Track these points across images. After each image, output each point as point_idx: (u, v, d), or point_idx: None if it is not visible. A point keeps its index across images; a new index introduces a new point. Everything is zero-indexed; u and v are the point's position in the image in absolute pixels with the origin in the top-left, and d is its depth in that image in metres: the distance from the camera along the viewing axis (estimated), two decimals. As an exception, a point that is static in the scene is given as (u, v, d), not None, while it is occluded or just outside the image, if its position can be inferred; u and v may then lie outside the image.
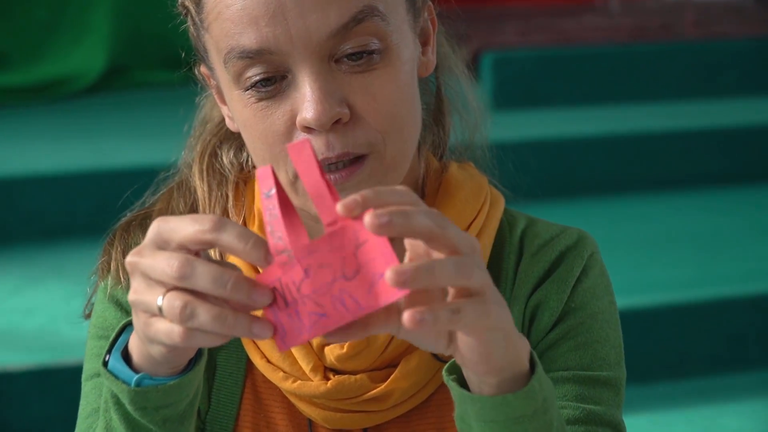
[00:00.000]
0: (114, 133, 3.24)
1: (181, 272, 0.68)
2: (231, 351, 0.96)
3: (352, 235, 0.66)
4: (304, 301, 0.67)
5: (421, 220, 0.68)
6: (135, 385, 0.77)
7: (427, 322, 0.67)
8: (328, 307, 0.67)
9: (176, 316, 0.69)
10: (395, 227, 0.67)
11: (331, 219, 0.67)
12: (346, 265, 0.66)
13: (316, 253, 0.67)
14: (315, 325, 0.67)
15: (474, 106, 1.02)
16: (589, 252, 0.97)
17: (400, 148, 0.88)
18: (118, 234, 0.99)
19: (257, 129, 0.87)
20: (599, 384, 0.92)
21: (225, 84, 0.90)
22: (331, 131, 0.85)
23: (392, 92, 0.86)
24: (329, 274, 0.67)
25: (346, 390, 0.91)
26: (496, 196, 0.99)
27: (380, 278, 0.66)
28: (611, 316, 0.96)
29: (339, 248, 0.67)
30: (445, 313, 0.68)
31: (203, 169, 0.99)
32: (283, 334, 0.68)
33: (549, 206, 2.82)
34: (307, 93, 0.84)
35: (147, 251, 0.71)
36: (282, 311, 0.68)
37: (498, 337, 0.72)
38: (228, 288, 0.68)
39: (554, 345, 0.93)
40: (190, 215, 0.70)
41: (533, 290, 0.95)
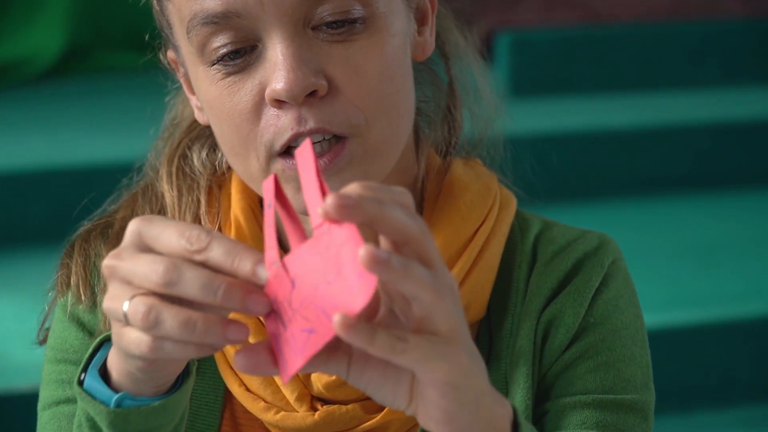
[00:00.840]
0: (73, 124, 3.25)
1: (167, 278, 0.69)
2: (206, 377, 0.97)
3: (337, 235, 0.67)
4: (296, 317, 0.68)
5: (400, 215, 0.67)
6: (115, 405, 0.78)
7: (360, 332, 0.65)
8: (313, 320, 0.67)
9: (140, 323, 0.69)
10: (361, 212, 0.66)
11: (319, 221, 0.68)
12: (329, 268, 0.67)
13: (301, 259, 0.68)
14: (306, 344, 0.68)
15: (488, 99, 1.03)
16: (611, 259, 0.98)
17: (387, 133, 0.89)
18: (77, 244, 1.00)
19: (223, 109, 0.89)
20: (624, 409, 0.93)
21: (190, 62, 0.91)
22: (305, 105, 0.86)
23: (377, 66, 0.87)
24: (313, 280, 0.68)
25: (337, 422, 0.92)
26: (506, 197, 1.01)
27: (357, 277, 0.65)
28: (636, 331, 0.97)
29: (323, 252, 0.67)
30: (385, 336, 0.66)
31: (172, 171, 1.01)
32: (284, 364, 0.69)
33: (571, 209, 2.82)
34: (278, 60, 0.85)
35: (127, 254, 0.72)
36: (282, 336, 0.69)
37: (467, 396, 0.70)
38: (219, 295, 0.68)
39: (571, 366, 0.94)
40: (175, 223, 0.71)
41: (546, 303, 0.96)
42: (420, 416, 0.72)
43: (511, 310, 0.96)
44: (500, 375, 0.95)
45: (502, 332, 0.96)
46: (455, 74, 1.02)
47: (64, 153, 2.98)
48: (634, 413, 0.94)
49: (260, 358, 0.70)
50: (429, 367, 0.68)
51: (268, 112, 0.87)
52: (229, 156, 0.92)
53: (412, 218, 0.68)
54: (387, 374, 0.71)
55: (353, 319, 0.65)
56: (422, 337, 0.67)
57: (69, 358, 0.97)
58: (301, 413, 0.92)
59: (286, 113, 0.86)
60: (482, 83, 1.03)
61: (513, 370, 0.94)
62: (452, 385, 0.69)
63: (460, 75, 1.02)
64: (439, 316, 0.68)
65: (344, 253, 0.66)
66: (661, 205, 3.18)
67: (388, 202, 0.67)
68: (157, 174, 1.02)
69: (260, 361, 0.70)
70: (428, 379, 0.69)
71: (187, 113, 1.04)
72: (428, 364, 0.68)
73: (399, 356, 0.66)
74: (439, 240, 0.95)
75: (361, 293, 0.65)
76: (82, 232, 1.01)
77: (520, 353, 0.94)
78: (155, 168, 1.03)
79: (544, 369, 0.95)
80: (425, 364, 0.68)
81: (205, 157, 1.01)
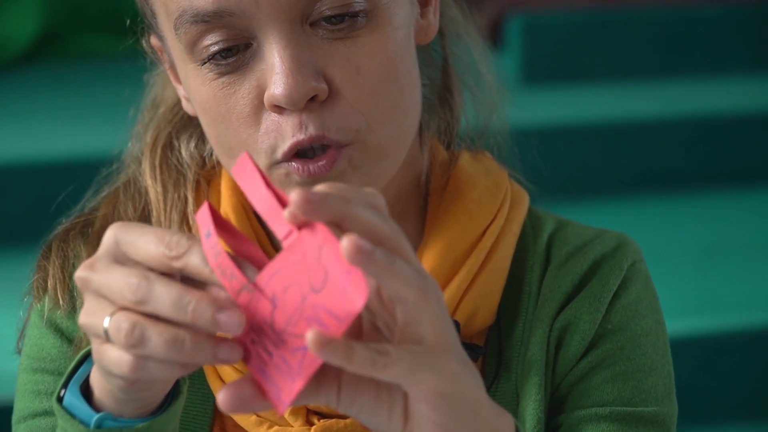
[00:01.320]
0: (47, 114, 3.24)
1: (138, 294, 0.69)
2: (195, 390, 0.97)
3: (311, 240, 0.67)
4: (284, 338, 0.68)
5: (368, 213, 0.67)
6: (95, 426, 0.78)
7: (336, 349, 0.65)
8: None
9: (123, 341, 0.69)
10: (327, 209, 0.66)
11: (285, 231, 0.68)
12: (312, 276, 0.67)
13: (277, 274, 0.68)
14: (303, 362, 0.68)
15: (489, 81, 1.03)
16: (630, 261, 0.99)
17: (390, 135, 0.90)
18: (54, 245, 1.00)
19: (218, 111, 0.89)
20: (643, 422, 0.94)
21: (178, 57, 0.91)
22: (305, 110, 0.87)
23: (380, 65, 0.88)
24: (297, 293, 0.67)
25: (335, 437, 0.93)
26: (518, 193, 1.01)
27: (346, 275, 0.65)
28: (658, 338, 0.98)
29: (301, 261, 0.67)
30: (365, 350, 0.66)
31: (156, 164, 1.01)
32: (277, 392, 0.69)
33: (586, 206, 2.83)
34: (276, 64, 0.86)
35: (101, 264, 0.73)
36: (269, 365, 0.69)
37: (462, 408, 0.70)
38: (189, 312, 0.68)
39: (587, 375, 0.95)
40: (154, 229, 0.71)
41: (560, 308, 0.97)
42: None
43: (522, 316, 0.97)
44: (510, 386, 0.96)
45: (513, 340, 0.96)
46: (453, 52, 1.02)
47: (38, 146, 2.97)
48: (654, 427, 0.94)
49: (246, 394, 0.69)
50: (416, 379, 0.68)
51: (269, 116, 0.88)
52: (224, 158, 0.93)
53: (383, 219, 0.68)
54: (380, 397, 0.72)
55: (327, 336, 0.65)
56: (405, 348, 0.67)
57: (46, 368, 0.97)
58: (296, 428, 0.93)
59: (287, 119, 0.87)
60: (483, 64, 1.03)
61: (524, 380, 0.95)
62: (444, 396, 0.69)
63: (459, 54, 1.02)
64: (424, 320, 0.68)
65: (324, 256, 0.66)
66: (684, 201, 3.18)
67: (355, 201, 0.67)
68: (139, 166, 1.02)
69: (246, 396, 0.69)
70: (417, 393, 0.69)
71: (168, 94, 1.03)
72: (415, 377, 0.68)
73: (382, 371, 0.66)
74: (444, 240, 0.95)
75: (356, 291, 0.65)
76: (59, 232, 1.01)
77: (532, 362, 0.95)
78: (137, 159, 1.03)
79: (557, 379, 0.95)
80: (411, 377, 0.68)
81: (194, 149, 1.01)
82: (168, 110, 1.03)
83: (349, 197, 0.68)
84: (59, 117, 3.21)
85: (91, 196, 1.05)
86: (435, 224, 0.97)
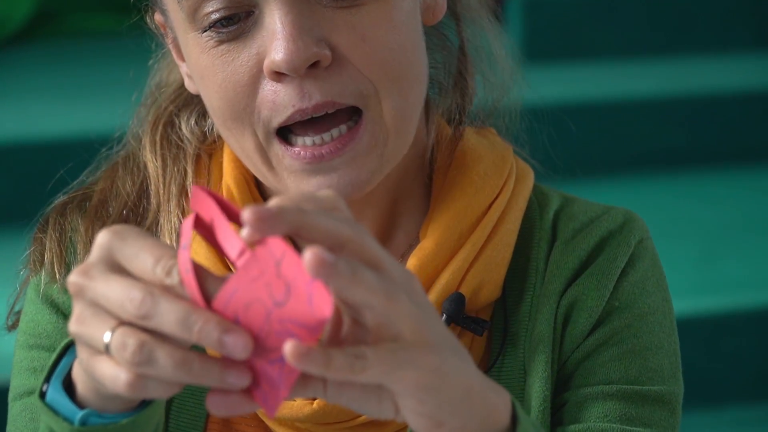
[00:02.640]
0: (42, 94, 3.24)
1: (143, 310, 0.67)
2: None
3: (266, 256, 0.66)
4: (257, 353, 0.68)
5: (326, 220, 0.67)
6: (79, 423, 0.76)
7: (314, 361, 0.65)
8: (281, 346, 0.67)
9: (128, 359, 0.67)
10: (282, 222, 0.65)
11: (238, 250, 0.68)
12: (273, 290, 0.67)
13: (236, 294, 0.67)
14: (282, 373, 0.68)
15: (503, 64, 1.03)
16: (638, 238, 0.99)
17: (399, 106, 0.89)
18: (51, 219, 1.00)
19: (215, 79, 0.89)
20: (649, 401, 0.94)
21: (180, 28, 0.91)
22: (307, 77, 0.86)
23: (386, 33, 0.87)
24: (260, 309, 0.67)
25: (336, 413, 0.93)
26: (523, 169, 1.01)
27: (311, 285, 0.65)
28: (665, 317, 0.98)
29: (258, 277, 0.67)
30: (342, 357, 0.66)
31: (156, 140, 1.01)
32: (265, 398, 0.69)
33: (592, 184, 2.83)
34: (277, 29, 0.86)
35: (97, 272, 0.70)
36: (252, 371, 0.69)
37: (449, 396, 0.70)
38: (195, 332, 0.66)
39: (593, 353, 0.95)
40: (151, 243, 0.69)
41: (567, 285, 0.97)
42: (410, 424, 0.72)
43: (529, 291, 0.97)
44: (517, 361, 0.96)
45: (520, 315, 0.96)
46: (467, 37, 1.02)
47: (33, 126, 2.98)
48: (660, 406, 0.94)
49: (236, 396, 0.69)
50: (395, 377, 0.68)
51: (266, 85, 0.88)
52: (222, 129, 0.93)
53: (344, 221, 0.68)
54: (367, 389, 0.71)
55: (304, 347, 0.65)
56: (382, 348, 0.67)
57: (42, 344, 0.97)
58: (297, 402, 0.93)
59: (287, 87, 0.87)
60: (497, 47, 1.03)
61: (532, 356, 0.95)
62: (427, 389, 0.69)
63: (473, 38, 1.02)
64: (397, 319, 0.68)
65: (285, 269, 0.66)
66: (692, 179, 3.18)
67: (310, 210, 0.67)
68: (139, 143, 1.02)
69: (236, 399, 0.69)
70: (400, 389, 0.69)
71: (173, 78, 1.04)
72: (394, 375, 0.68)
73: (360, 375, 0.66)
74: (450, 213, 0.95)
75: (322, 299, 0.65)
76: (57, 205, 1.01)
77: (539, 339, 0.95)
78: (137, 137, 1.03)
79: (564, 356, 0.96)
80: (391, 376, 0.68)
81: (194, 125, 1.01)
82: (171, 92, 1.03)
83: (303, 207, 0.67)
84: (54, 96, 3.21)
85: (89, 171, 1.05)
86: (440, 198, 0.97)
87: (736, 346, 2.57)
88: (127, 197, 1.00)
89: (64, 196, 1.02)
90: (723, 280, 2.66)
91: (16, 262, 1.03)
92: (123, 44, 1.15)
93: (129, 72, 1.11)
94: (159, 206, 0.99)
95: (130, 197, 1.00)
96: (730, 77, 3.45)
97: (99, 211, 1.00)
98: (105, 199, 1.00)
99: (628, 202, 2.44)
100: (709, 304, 2.55)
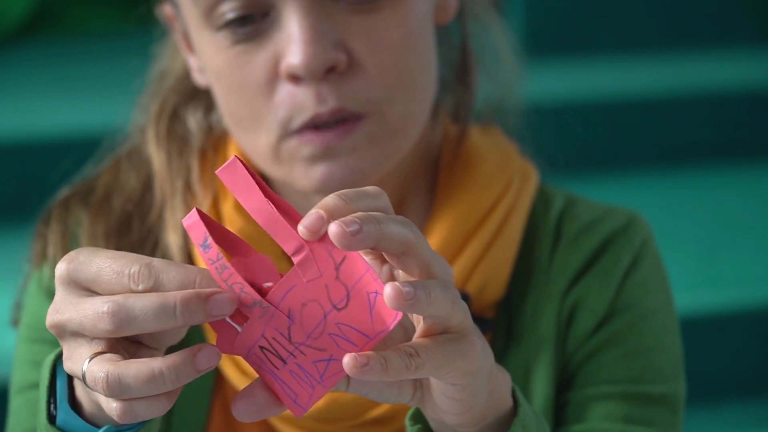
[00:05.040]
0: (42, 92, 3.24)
1: (116, 322, 0.67)
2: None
3: (325, 256, 0.67)
4: (302, 350, 0.69)
5: (396, 227, 0.67)
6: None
7: (373, 368, 0.65)
8: (331, 348, 0.68)
9: (102, 391, 0.67)
10: (367, 238, 0.65)
11: (295, 246, 0.67)
12: (332, 293, 0.67)
13: (294, 290, 0.68)
14: (326, 373, 0.69)
15: (507, 61, 1.04)
16: (641, 238, 0.99)
17: (409, 109, 0.90)
18: (55, 213, 1.01)
19: (232, 79, 0.89)
20: (652, 402, 0.94)
21: (193, 24, 0.92)
22: (324, 81, 0.87)
23: (401, 38, 0.88)
24: (318, 310, 0.68)
25: (341, 409, 0.93)
26: (527, 169, 1.02)
27: (377, 297, 0.67)
28: (668, 317, 0.98)
29: (317, 276, 0.67)
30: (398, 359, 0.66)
31: (160, 133, 1.01)
32: (294, 397, 0.69)
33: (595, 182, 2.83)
34: (295, 32, 0.86)
35: (65, 304, 0.69)
36: (281, 370, 0.69)
37: (482, 381, 0.72)
38: (178, 314, 0.66)
39: (597, 353, 0.95)
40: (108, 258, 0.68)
41: (571, 284, 0.97)
42: (428, 407, 0.73)
43: (533, 291, 0.97)
44: (521, 359, 0.96)
45: (523, 314, 0.97)
46: (472, 33, 1.02)
47: (32, 125, 2.97)
48: (663, 407, 0.95)
49: (260, 400, 0.69)
50: (447, 369, 0.69)
51: (284, 86, 0.88)
52: (235, 128, 0.93)
53: (404, 224, 0.68)
54: None
55: (363, 359, 0.65)
56: (434, 343, 0.68)
57: (44, 338, 0.97)
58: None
59: (304, 90, 0.87)
60: (501, 44, 1.03)
61: (536, 356, 0.95)
62: (471, 375, 0.71)
63: (475, 33, 1.03)
64: (452, 317, 0.69)
65: (343, 273, 0.67)
66: (695, 175, 3.18)
67: (381, 217, 0.67)
68: (143, 136, 1.02)
69: (261, 402, 0.69)
70: (447, 379, 0.70)
71: (177, 66, 1.04)
72: (445, 368, 0.69)
73: (414, 373, 0.67)
74: (455, 212, 0.96)
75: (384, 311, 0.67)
76: (60, 200, 1.01)
77: (542, 338, 0.96)
78: (141, 129, 1.03)
79: (567, 356, 0.96)
80: (442, 369, 0.69)
81: (201, 118, 1.01)
82: (175, 81, 1.03)
83: (376, 217, 0.67)
84: (53, 96, 3.21)
85: (93, 166, 1.05)
86: (445, 197, 0.97)
87: (737, 343, 2.57)
88: (131, 191, 1.01)
89: (68, 189, 1.02)
90: (724, 277, 2.66)
91: (19, 258, 1.03)
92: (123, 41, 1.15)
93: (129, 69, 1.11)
94: (163, 201, 0.99)
95: (135, 192, 1.01)
96: (735, 73, 3.44)
97: (103, 205, 1.00)
98: (109, 193, 1.01)
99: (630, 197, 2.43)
100: (708, 301, 2.55)
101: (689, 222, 2.92)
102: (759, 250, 2.79)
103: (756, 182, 3.18)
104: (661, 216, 2.23)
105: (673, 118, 3.27)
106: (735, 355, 2.57)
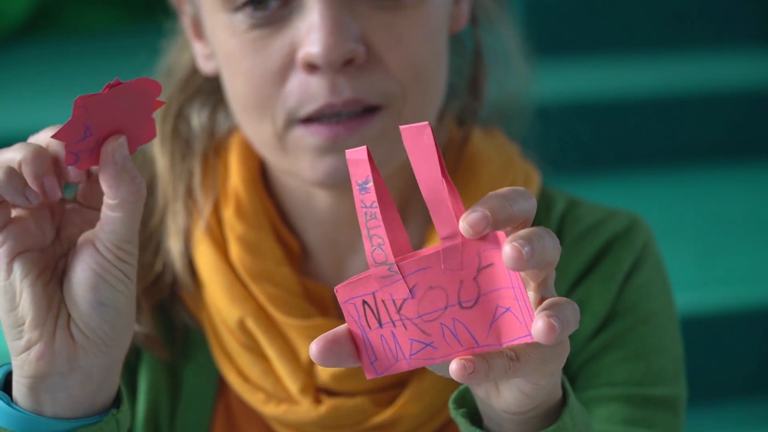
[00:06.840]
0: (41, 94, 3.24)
1: None
2: (199, 365, 0.98)
3: (473, 253, 0.67)
4: (405, 323, 0.69)
5: (552, 246, 0.66)
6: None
7: (478, 373, 0.65)
8: (436, 336, 0.68)
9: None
10: (534, 260, 0.64)
11: (449, 232, 0.67)
12: (463, 290, 0.67)
13: (427, 271, 0.68)
14: (418, 354, 0.69)
15: (518, 69, 1.04)
16: (643, 241, 1.00)
17: (422, 109, 0.91)
18: None
19: (244, 64, 0.89)
20: (654, 404, 0.95)
21: (209, 7, 0.92)
22: (340, 73, 0.87)
23: (421, 38, 0.89)
24: (441, 298, 0.68)
25: (344, 416, 0.94)
26: (529, 171, 1.02)
27: (505, 312, 0.67)
28: (669, 320, 0.99)
29: (457, 269, 0.67)
30: (500, 362, 0.66)
31: (165, 134, 1.01)
32: (374, 358, 0.69)
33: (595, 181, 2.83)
34: (316, 22, 0.87)
35: None
36: (372, 331, 0.69)
37: (558, 379, 0.73)
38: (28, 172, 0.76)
39: (598, 355, 0.96)
40: None
41: (572, 287, 0.98)
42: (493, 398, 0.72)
43: None
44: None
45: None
46: (484, 41, 1.03)
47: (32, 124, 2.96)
48: (664, 409, 0.95)
49: (346, 350, 0.69)
50: (539, 372, 0.69)
51: (296, 75, 0.89)
52: (240, 115, 0.93)
53: (555, 242, 0.66)
54: None
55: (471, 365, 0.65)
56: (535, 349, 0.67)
57: None
58: (304, 406, 0.93)
59: (318, 80, 0.88)
60: (513, 51, 1.04)
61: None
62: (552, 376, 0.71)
63: (491, 42, 1.03)
64: None
65: (482, 278, 0.67)
66: (695, 176, 3.17)
67: (545, 238, 0.65)
68: None
69: (344, 352, 0.69)
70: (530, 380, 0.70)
71: (184, 62, 1.03)
72: (538, 372, 0.68)
73: (511, 376, 0.67)
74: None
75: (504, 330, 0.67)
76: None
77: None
78: None
79: (568, 358, 0.96)
80: (534, 373, 0.68)
81: (206, 119, 1.01)
82: (182, 78, 1.03)
83: (541, 233, 0.65)
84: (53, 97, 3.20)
85: None
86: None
87: (737, 343, 2.57)
88: None
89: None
90: (724, 277, 2.66)
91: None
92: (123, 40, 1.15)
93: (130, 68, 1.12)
94: (166, 205, 0.99)
95: None
96: (736, 73, 3.44)
97: None
98: None
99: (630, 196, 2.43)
100: (707, 302, 2.55)
101: (689, 222, 2.92)
102: (759, 250, 2.79)
103: (757, 182, 3.17)
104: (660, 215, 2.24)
105: (673, 118, 3.27)
106: (735, 354, 2.57)
